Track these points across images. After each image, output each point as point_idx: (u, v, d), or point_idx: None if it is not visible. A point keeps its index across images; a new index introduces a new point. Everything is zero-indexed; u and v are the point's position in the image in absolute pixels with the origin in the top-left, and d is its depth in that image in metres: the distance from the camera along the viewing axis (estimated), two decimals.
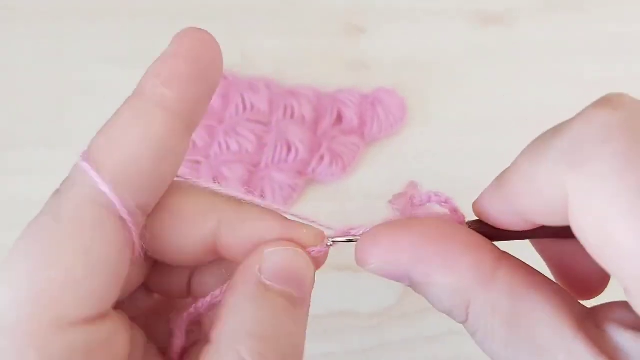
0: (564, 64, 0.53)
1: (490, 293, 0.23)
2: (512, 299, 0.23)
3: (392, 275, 0.25)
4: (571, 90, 0.47)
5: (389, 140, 0.49)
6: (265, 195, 0.46)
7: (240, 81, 0.50)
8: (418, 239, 0.24)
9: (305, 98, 0.49)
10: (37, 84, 0.53)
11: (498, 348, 0.23)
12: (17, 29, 0.55)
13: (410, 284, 0.25)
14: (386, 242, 0.24)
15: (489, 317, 0.23)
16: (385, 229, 0.25)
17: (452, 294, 0.23)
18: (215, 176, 0.46)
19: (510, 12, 0.56)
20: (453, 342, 0.41)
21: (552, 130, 0.22)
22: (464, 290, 0.23)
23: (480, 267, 0.23)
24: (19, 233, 0.34)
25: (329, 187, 0.47)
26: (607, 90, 0.47)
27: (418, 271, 0.24)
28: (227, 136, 0.48)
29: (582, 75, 0.52)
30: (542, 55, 0.54)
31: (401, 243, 0.24)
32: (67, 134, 0.50)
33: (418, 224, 0.25)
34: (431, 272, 0.24)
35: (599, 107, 0.21)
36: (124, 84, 0.52)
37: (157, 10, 0.56)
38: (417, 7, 0.56)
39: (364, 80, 0.51)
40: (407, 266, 0.24)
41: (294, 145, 0.47)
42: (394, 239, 0.24)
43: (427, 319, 0.42)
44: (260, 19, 0.56)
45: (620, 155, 0.20)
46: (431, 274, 0.24)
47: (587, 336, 0.22)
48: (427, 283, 0.24)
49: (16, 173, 0.48)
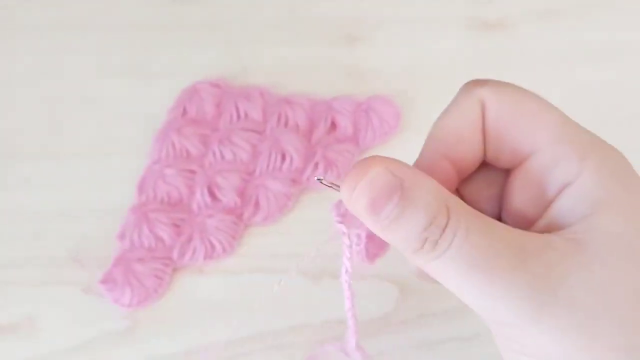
0: (560, 71, 0.53)
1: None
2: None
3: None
4: (567, 96, 0.47)
5: (383, 148, 0.49)
6: (260, 204, 0.46)
7: (234, 90, 0.51)
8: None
9: (299, 106, 0.49)
10: (36, 96, 0.53)
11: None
12: (15, 42, 0.55)
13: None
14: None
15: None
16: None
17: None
18: (210, 185, 0.46)
19: (505, 20, 0.56)
20: (452, 349, 0.41)
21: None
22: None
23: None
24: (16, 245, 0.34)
25: (323, 195, 0.47)
26: (602, 96, 0.48)
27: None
28: (221, 145, 0.48)
29: (578, 81, 0.52)
30: (538, 63, 0.54)
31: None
32: (66, 146, 0.50)
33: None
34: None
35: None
36: (123, 97, 0.53)
37: (155, 23, 0.56)
38: (413, 16, 0.56)
39: (359, 88, 0.51)
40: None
41: (288, 154, 0.47)
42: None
43: (424, 326, 0.42)
44: (257, 29, 0.56)
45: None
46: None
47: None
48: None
49: (16, 185, 0.48)
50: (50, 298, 0.44)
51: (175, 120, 0.49)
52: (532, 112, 0.26)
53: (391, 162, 0.24)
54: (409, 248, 0.24)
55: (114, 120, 0.51)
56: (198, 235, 0.44)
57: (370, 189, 0.24)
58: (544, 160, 0.26)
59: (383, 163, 0.24)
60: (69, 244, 0.45)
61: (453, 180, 0.28)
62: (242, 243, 0.45)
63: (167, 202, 0.46)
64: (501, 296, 0.23)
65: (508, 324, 0.24)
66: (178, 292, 0.44)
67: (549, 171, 0.26)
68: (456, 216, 0.24)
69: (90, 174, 0.48)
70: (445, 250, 0.24)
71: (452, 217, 0.24)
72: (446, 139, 0.27)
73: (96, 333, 0.42)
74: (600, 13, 0.56)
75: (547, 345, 0.23)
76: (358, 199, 0.24)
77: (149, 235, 0.44)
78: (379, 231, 0.25)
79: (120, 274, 0.43)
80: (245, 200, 0.46)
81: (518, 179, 0.27)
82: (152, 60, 0.54)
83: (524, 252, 0.24)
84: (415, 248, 0.24)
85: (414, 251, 0.24)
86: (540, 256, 0.24)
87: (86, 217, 0.46)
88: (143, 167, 0.48)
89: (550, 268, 0.23)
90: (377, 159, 0.25)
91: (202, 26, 0.56)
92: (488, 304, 0.24)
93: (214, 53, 0.54)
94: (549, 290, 0.23)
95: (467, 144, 0.27)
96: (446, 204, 0.24)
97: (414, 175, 0.24)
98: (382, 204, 0.24)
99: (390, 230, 0.24)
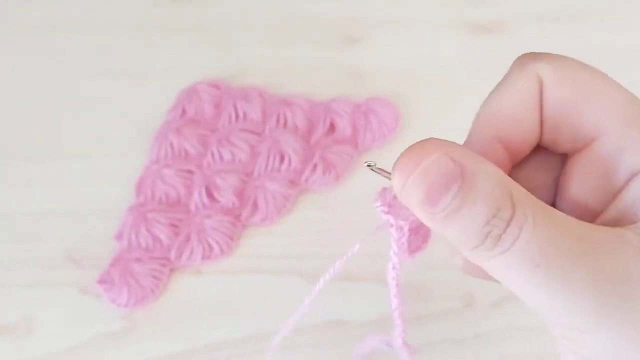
0: None
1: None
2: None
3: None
4: None
5: (382, 150, 0.49)
6: (258, 205, 0.46)
7: (232, 90, 0.50)
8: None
9: (298, 107, 0.49)
10: (35, 96, 0.52)
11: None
12: (15, 42, 0.55)
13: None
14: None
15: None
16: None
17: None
18: (208, 185, 0.46)
19: (504, 22, 0.56)
20: (450, 351, 0.41)
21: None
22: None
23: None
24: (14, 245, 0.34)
25: (322, 196, 0.47)
26: None
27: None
28: (220, 145, 0.47)
29: None
30: None
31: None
32: (64, 146, 0.50)
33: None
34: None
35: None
36: (122, 97, 0.53)
37: (154, 23, 0.56)
38: (411, 17, 0.56)
39: (357, 89, 0.51)
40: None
41: (287, 155, 0.47)
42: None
43: (422, 328, 0.42)
44: (255, 29, 0.56)
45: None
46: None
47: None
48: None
49: (12, 185, 0.48)
50: (47, 298, 0.43)
51: (174, 120, 0.49)
52: (596, 91, 0.24)
53: (449, 146, 0.22)
54: (468, 244, 0.21)
55: (112, 120, 0.51)
56: (196, 235, 0.44)
57: (427, 178, 0.21)
58: (611, 145, 0.23)
59: (442, 147, 0.21)
60: (66, 244, 0.45)
61: (506, 165, 0.25)
62: (240, 244, 0.45)
63: (165, 203, 0.46)
64: (569, 297, 0.21)
65: (576, 328, 0.21)
66: (175, 292, 0.44)
67: (616, 157, 0.23)
68: (522, 207, 0.21)
69: (88, 174, 0.48)
70: (510, 247, 0.21)
71: (518, 208, 0.21)
72: (499, 120, 0.24)
73: (93, 333, 0.42)
74: (598, 16, 0.56)
75: (608, 353, 0.21)
76: (412, 189, 0.21)
77: (147, 235, 0.44)
78: (434, 224, 0.22)
79: (118, 274, 0.43)
80: (243, 201, 0.46)
81: (579, 166, 0.24)
82: (151, 60, 0.54)
83: (595, 245, 0.21)
84: (475, 244, 0.21)
85: (473, 247, 0.21)
86: (614, 252, 0.21)
87: (84, 217, 0.46)
88: (141, 167, 0.48)
89: (625, 266, 0.21)
90: (433, 142, 0.22)
91: (201, 26, 0.56)
92: (557, 305, 0.21)
93: (213, 53, 0.54)
94: (620, 291, 0.21)
95: (522, 125, 0.24)
96: (510, 193, 0.21)
97: (475, 161, 0.21)
98: (439, 194, 0.21)
99: (447, 224, 0.21)
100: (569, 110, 0.24)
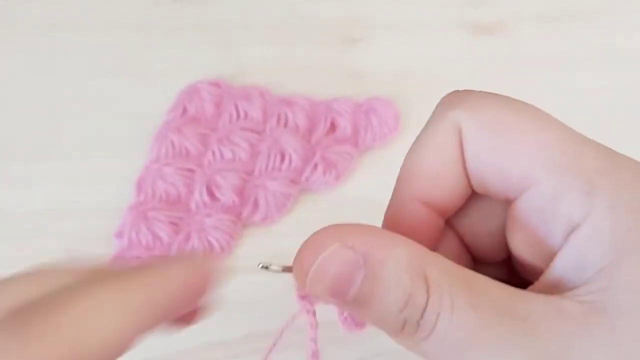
0: (558, 74, 0.53)
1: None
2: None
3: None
4: (565, 100, 0.47)
5: (382, 149, 0.49)
6: (258, 204, 0.46)
7: (233, 90, 0.51)
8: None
9: (299, 107, 0.49)
10: (35, 96, 0.52)
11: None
12: (10, 43, 0.55)
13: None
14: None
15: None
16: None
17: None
18: (209, 184, 0.46)
19: (505, 23, 0.56)
20: None
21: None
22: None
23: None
24: (15, 244, 0.34)
25: (322, 196, 0.47)
26: (601, 100, 0.48)
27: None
28: (220, 144, 0.47)
29: (576, 85, 0.52)
30: (538, 66, 0.54)
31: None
32: (65, 145, 0.50)
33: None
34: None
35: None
36: (122, 96, 0.53)
37: (154, 23, 0.56)
38: (412, 18, 0.57)
39: (358, 89, 0.51)
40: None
41: (287, 154, 0.47)
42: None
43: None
44: (255, 29, 0.56)
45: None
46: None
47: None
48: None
49: (13, 184, 0.48)
50: None
51: (174, 119, 0.49)
52: (522, 134, 0.21)
53: (348, 232, 0.20)
54: (389, 331, 0.20)
55: (112, 120, 0.51)
56: (196, 234, 0.44)
57: (326, 272, 0.20)
58: (544, 195, 0.21)
59: (340, 236, 0.20)
60: (67, 242, 0.45)
61: (435, 224, 0.23)
62: (240, 243, 0.45)
63: (166, 201, 0.46)
64: None
65: None
66: None
67: (552, 209, 0.21)
68: (438, 290, 0.19)
69: (88, 172, 0.48)
70: (431, 333, 0.20)
71: (433, 292, 0.19)
72: (418, 180, 0.23)
73: None
74: (598, 16, 0.56)
75: None
76: (314, 285, 0.20)
77: (147, 233, 0.44)
78: (352, 312, 0.21)
79: None
80: (244, 199, 0.46)
81: (518, 216, 0.22)
82: (151, 60, 0.54)
83: (527, 325, 0.19)
84: (394, 331, 0.20)
85: (394, 334, 0.20)
86: (548, 329, 0.19)
87: (84, 216, 0.46)
88: (142, 166, 0.48)
89: (562, 345, 0.19)
90: (330, 230, 0.20)
91: (201, 26, 0.56)
92: None
93: (214, 53, 0.54)
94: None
95: (444, 182, 0.22)
96: (424, 275, 0.20)
97: (381, 246, 0.20)
98: (344, 286, 0.20)
99: (363, 312, 0.20)
100: (492, 160, 0.21)
